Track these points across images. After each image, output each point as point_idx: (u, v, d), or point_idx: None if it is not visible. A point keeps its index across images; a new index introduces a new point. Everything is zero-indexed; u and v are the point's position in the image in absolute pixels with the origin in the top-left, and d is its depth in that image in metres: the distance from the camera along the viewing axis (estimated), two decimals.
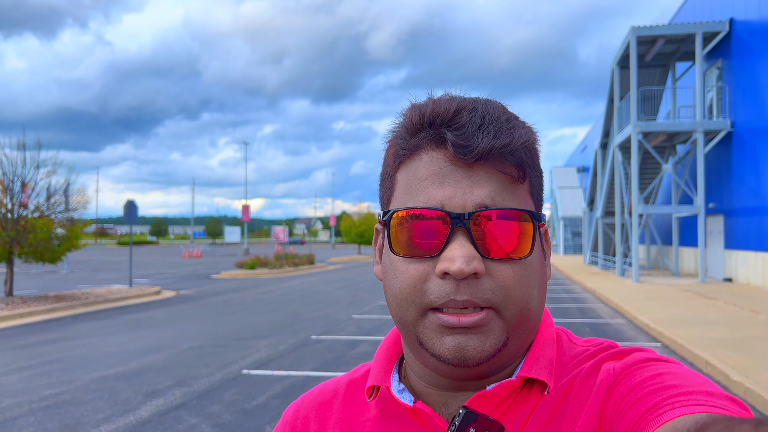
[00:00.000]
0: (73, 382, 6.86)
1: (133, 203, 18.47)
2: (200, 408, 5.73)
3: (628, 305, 12.57)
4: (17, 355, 8.66)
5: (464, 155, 0.60)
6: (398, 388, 0.69)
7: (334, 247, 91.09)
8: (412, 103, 0.66)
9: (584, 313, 12.45)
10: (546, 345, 0.67)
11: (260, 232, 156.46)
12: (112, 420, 5.39)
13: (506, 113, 0.63)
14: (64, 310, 14.00)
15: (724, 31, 18.49)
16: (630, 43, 19.15)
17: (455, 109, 0.62)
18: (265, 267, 28.42)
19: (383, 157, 0.70)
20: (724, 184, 18.93)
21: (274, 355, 8.24)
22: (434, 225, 0.60)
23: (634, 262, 19.09)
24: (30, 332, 10.89)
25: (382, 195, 0.69)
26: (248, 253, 52.17)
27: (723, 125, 18.23)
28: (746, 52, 17.61)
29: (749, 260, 17.13)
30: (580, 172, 49.87)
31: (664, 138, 20.01)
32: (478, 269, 0.58)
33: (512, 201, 0.62)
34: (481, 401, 0.63)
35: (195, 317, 12.56)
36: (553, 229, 49.88)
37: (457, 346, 0.59)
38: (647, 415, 0.52)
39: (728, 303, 12.62)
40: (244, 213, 57.68)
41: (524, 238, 0.61)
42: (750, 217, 17.12)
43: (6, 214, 14.34)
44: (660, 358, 0.62)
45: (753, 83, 17.11)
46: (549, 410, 0.62)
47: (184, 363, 7.81)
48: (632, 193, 19.35)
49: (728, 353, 7.49)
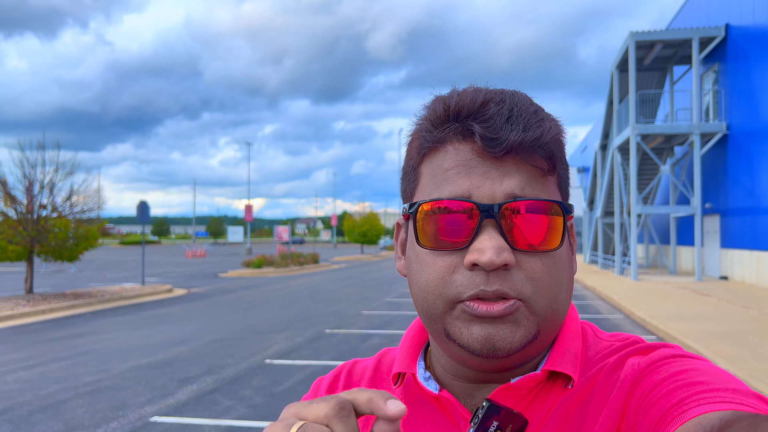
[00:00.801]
0: (110, 370, 7.40)
1: (145, 204, 19.00)
2: (232, 392, 6.26)
3: (627, 302, 13.11)
4: (50, 347, 9.20)
5: (493, 148, 0.59)
6: (424, 376, 0.69)
7: (335, 246, 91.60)
8: (436, 95, 0.65)
9: (584, 309, 12.98)
10: (571, 339, 0.66)
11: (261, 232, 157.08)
12: (154, 402, 5.92)
13: (533, 105, 0.63)
14: (82, 307, 14.54)
15: (720, 36, 19.01)
16: (629, 47, 19.68)
17: (482, 101, 0.61)
18: (271, 266, 28.96)
19: (406, 150, 0.69)
20: (720, 184, 19.46)
21: (293, 347, 8.77)
22: (462, 216, 0.59)
23: (633, 260, 19.63)
24: (55, 327, 11.42)
25: (405, 188, 0.68)
26: (251, 253, 52.73)
27: (719, 128, 18.75)
28: (741, 57, 18.14)
29: (744, 259, 17.66)
30: (581, 173, 50.33)
31: (662, 140, 20.53)
32: (509, 260, 0.57)
33: (542, 192, 0.61)
34: (506, 394, 0.62)
35: (211, 313, 13.10)
36: None
37: (486, 336, 0.58)
38: (672, 411, 0.52)
39: (722, 299, 13.15)
40: (247, 213, 58.19)
41: (554, 230, 0.60)
42: (745, 217, 17.65)
43: (26, 215, 14.88)
44: (686, 354, 0.61)
45: (748, 87, 17.64)
46: (572, 404, 0.62)
47: (209, 354, 8.34)
48: (631, 194, 19.88)
49: (719, 344, 8.02)
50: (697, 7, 21.90)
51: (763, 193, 16.49)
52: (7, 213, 14.81)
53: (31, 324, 11.92)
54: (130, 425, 5.22)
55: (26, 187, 14.96)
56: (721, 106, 19.46)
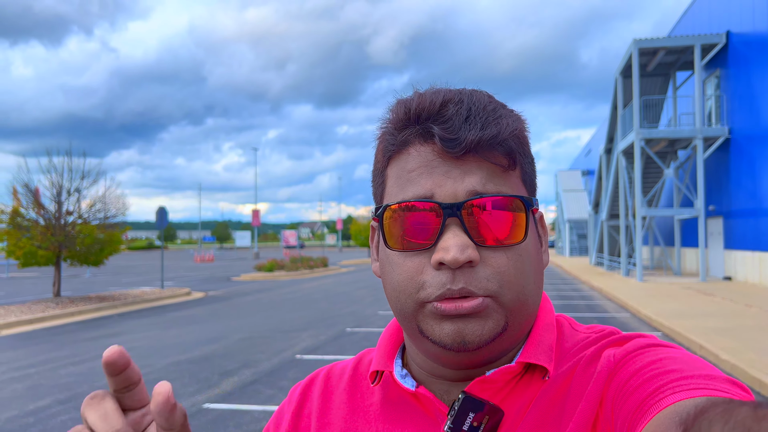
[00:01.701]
0: (153, 365, 7.96)
1: (164, 210, 19.60)
2: (271, 383, 6.81)
3: (633, 301, 13.62)
4: (89, 346, 9.76)
5: (452, 148, 0.60)
6: (401, 374, 0.70)
7: (341, 250, 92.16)
8: (398, 99, 0.67)
9: (592, 309, 13.50)
10: (545, 330, 0.68)
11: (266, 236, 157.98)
12: (202, 391, 6.48)
13: (492, 102, 0.64)
14: (108, 309, 15.12)
15: (721, 42, 19.54)
16: (632, 54, 20.22)
17: (441, 102, 0.62)
18: (282, 270, 29.52)
19: (374, 154, 0.70)
20: (723, 187, 19.96)
21: (318, 344, 9.32)
22: (427, 217, 0.61)
23: (638, 262, 20.12)
24: (88, 328, 11.99)
25: (375, 191, 0.70)
26: (258, 257, 53.39)
27: (721, 132, 19.26)
28: (742, 63, 18.66)
29: (747, 259, 18.14)
30: (585, 176, 50.83)
31: (666, 144, 21.05)
32: (473, 257, 0.58)
33: (504, 187, 0.62)
34: (482, 387, 0.63)
35: (233, 314, 13.66)
36: (559, 231, 50.86)
37: (456, 330, 0.59)
38: (648, 400, 0.52)
39: (725, 299, 13.64)
40: (254, 218, 58.85)
41: (517, 224, 0.62)
42: (747, 218, 18.15)
43: (54, 221, 15.49)
44: (660, 344, 0.62)
45: (749, 92, 18.16)
46: (550, 396, 0.62)
47: (241, 351, 8.90)
48: (635, 197, 20.39)
49: (720, 339, 8.53)
50: (699, 14, 22.44)
51: (764, 196, 16.99)
52: (38, 220, 15.43)
53: (64, 325, 12.49)
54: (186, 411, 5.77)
55: (54, 195, 15.58)
56: (723, 110, 19.98)
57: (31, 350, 9.52)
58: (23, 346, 9.99)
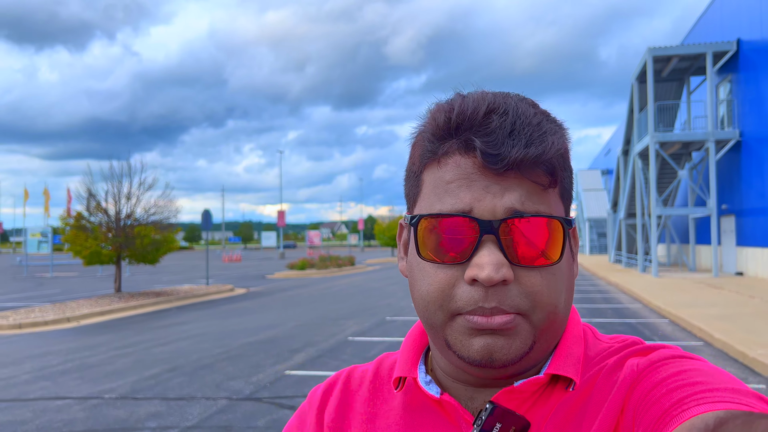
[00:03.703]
0: (229, 345, 9.40)
1: (208, 212, 21.17)
2: (335, 356, 8.21)
3: (645, 293, 14.80)
4: (166, 332, 11.26)
5: (494, 164, 0.59)
6: (425, 380, 0.70)
7: (363, 250, 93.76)
8: (437, 102, 0.66)
9: (608, 300, 14.71)
10: (574, 342, 0.68)
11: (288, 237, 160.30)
12: (280, 363, 7.90)
13: (538, 116, 0.62)
14: (165, 303, 16.68)
15: (732, 50, 20.57)
16: (647, 62, 21.33)
17: (485, 112, 0.61)
18: (313, 268, 31.06)
19: (409, 152, 0.69)
20: (734, 187, 20.98)
21: (365, 329, 10.70)
22: (463, 231, 0.60)
23: (654, 258, 21.22)
24: (156, 319, 13.52)
25: (408, 192, 0.69)
26: (284, 257, 55.07)
27: (732, 135, 20.30)
28: (752, 69, 19.69)
29: (758, 255, 19.18)
30: (605, 175, 51.69)
31: (680, 146, 22.11)
32: (507, 276, 0.58)
33: (542, 205, 0.61)
34: (508, 397, 0.63)
35: (280, 306, 15.12)
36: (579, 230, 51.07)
37: (485, 347, 0.60)
38: (670, 410, 0.52)
39: (732, 291, 14.77)
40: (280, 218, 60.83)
41: (554, 244, 0.61)
42: (758, 216, 19.18)
43: (116, 223, 17.13)
44: (685, 355, 0.62)
45: (758, 97, 19.18)
46: (571, 405, 0.63)
47: (299, 335, 10.31)
48: (651, 197, 21.49)
49: (718, 323, 9.74)
50: (711, 23, 23.47)
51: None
52: (100, 223, 17.10)
53: (132, 316, 14.04)
54: (272, 376, 7.19)
55: (115, 199, 17.24)
56: (734, 114, 21.01)
57: (117, 335, 11.03)
58: (108, 332, 11.51)
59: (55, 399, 6.38)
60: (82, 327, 12.41)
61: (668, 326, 10.61)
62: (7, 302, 17.35)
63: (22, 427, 5.44)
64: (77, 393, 6.60)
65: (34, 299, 18.16)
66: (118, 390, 6.68)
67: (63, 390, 6.75)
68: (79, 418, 5.65)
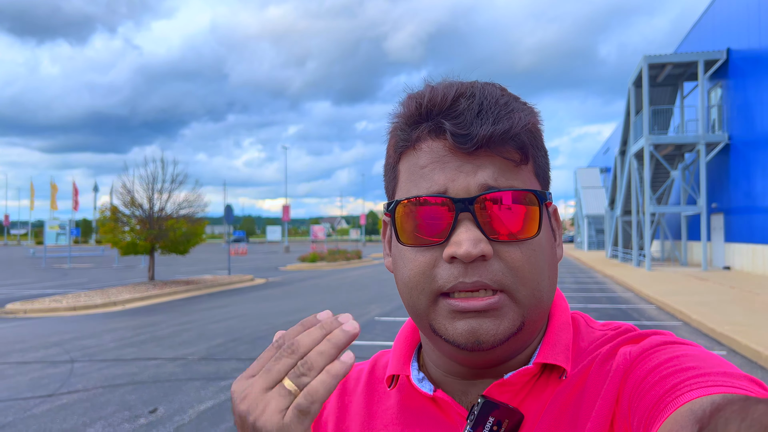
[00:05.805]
0: (272, 323, 10.82)
1: (230, 207, 22.57)
2: (367, 332, 9.63)
3: (637, 285, 16.25)
4: (209, 314, 12.67)
5: (464, 144, 0.60)
6: (418, 377, 0.71)
7: (365, 244, 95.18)
8: (408, 93, 0.67)
9: (603, 290, 16.17)
10: (561, 329, 0.68)
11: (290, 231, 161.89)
12: None
13: (505, 95, 0.64)
14: (195, 291, 18.10)
15: (722, 59, 21.97)
16: (643, 69, 22.72)
17: (453, 97, 0.62)
18: (323, 260, 32.51)
19: (386, 148, 0.71)
20: (723, 187, 22.43)
21: (387, 311, 12.12)
22: (439, 211, 0.61)
23: (647, 254, 22.67)
24: (193, 303, 14.94)
25: (387, 186, 0.71)
26: (289, 251, 56.54)
27: (721, 138, 21.73)
28: (740, 76, 21.10)
29: (743, 251, 20.63)
30: (603, 173, 53.14)
31: (673, 148, 23.53)
32: (486, 251, 0.59)
33: (515, 181, 0.62)
34: (500, 390, 0.64)
35: (303, 294, 16.54)
36: (577, 226, 53.20)
37: (470, 329, 0.60)
38: (665, 397, 0.52)
39: (716, 283, 16.21)
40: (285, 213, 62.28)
41: (530, 218, 0.62)
42: (743, 215, 20.64)
43: (149, 217, 18.56)
44: (677, 341, 0.62)
45: (746, 103, 20.60)
46: (566, 395, 0.63)
47: None
48: (645, 195, 22.92)
49: (698, 308, 11.17)
50: (703, 32, 24.92)
51: (757, 195, 19.46)
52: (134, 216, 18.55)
53: (170, 302, 15.46)
54: None
55: (149, 195, 18.67)
56: (724, 119, 22.43)
57: (168, 316, 12.44)
58: (156, 314, 12.93)
59: (150, 359, 7.82)
60: (128, 310, 13.82)
61: (654, 311, 12.04)
62: (45, 290, 18.78)
63: (135, 377, 6.87)
64: (164, 355, 8.04)
65: (68, 287, 19.58)
66: (197, 354, 8.11)
67: (151, 354, 8.18)
68: (177, 372, 7.08)
